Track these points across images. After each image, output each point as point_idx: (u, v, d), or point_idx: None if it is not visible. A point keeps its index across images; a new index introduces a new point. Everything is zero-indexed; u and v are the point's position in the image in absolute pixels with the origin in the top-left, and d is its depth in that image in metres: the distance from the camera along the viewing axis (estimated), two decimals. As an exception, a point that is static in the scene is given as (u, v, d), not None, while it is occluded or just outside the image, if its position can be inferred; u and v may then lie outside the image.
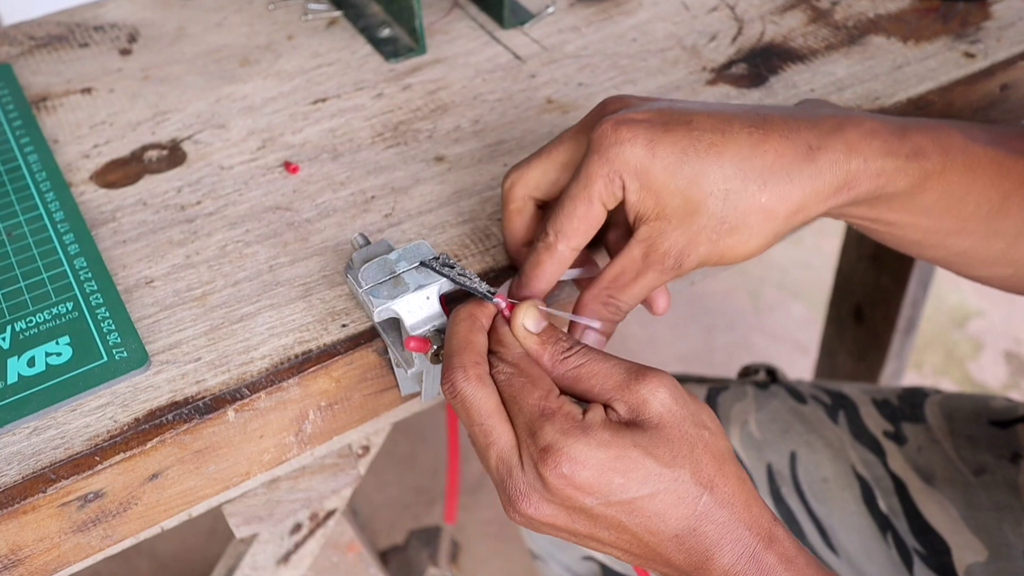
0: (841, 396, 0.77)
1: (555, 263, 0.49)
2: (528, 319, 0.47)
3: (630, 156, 0.46)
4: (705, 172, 0.46)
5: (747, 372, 0.85)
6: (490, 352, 0.46)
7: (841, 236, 1.23)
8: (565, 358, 0.45)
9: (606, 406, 0.44)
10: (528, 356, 0.46)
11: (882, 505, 0.71)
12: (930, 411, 0.74)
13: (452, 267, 0.49)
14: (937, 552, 0.68)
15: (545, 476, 0.42)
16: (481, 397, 0.44)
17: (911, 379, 1.58)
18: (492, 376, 0.45)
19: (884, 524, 0.70)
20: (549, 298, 0.55)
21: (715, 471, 0.43)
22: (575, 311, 0.50)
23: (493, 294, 0.47)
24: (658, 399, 0.43)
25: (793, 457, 0.74)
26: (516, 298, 0.49)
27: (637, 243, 0.48)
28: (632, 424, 0.43)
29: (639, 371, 0.44)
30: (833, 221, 0.53)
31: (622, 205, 0.48)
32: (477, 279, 0.48)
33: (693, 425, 0.43)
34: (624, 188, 0.47)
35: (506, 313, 0.47)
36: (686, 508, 0.43)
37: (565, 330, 0.48)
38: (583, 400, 0.45)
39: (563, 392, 0.45)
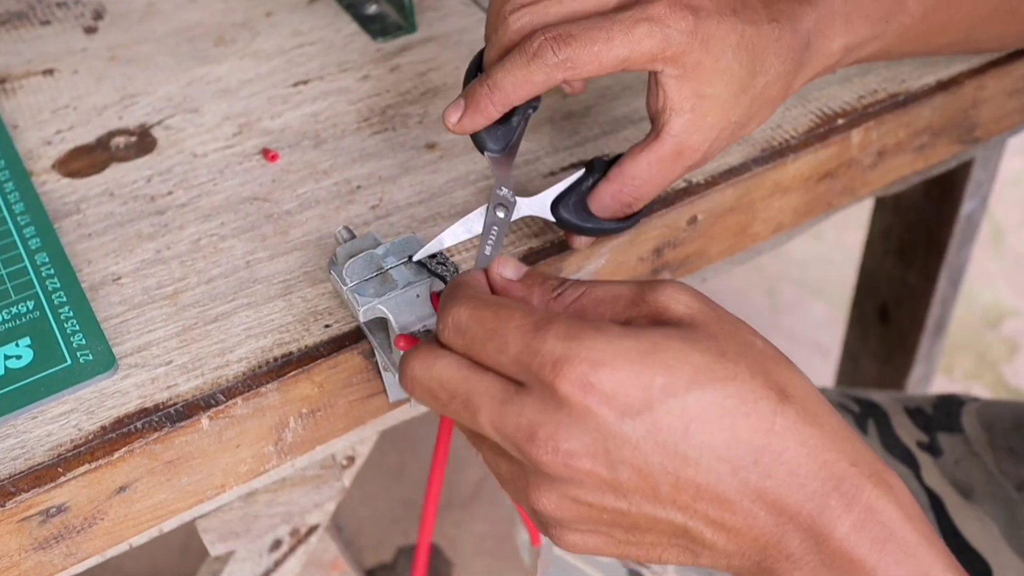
0: (870, 404, 0.77)
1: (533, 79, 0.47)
2: (507, 268, 0.43)
3: (680, 40, 0.46)
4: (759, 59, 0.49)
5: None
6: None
7: (865, 229, 1.23)
8: (558, 295, 0.40)
9: None
10: (497, 299, 0.39)
11: (915, 522, 0.71)
12: (967, 420, 0.74)
13: (444, 264, 0.49)
14: (977, 573, 0.68)
15: (562, 392, 0.35)
16: (440, 367, 0.38)
17: (940, 383, 1.58)
18: (447, 342, 0.39)
19: None
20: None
21: (787, 377, 0.36)
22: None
23: None
24: (680, 302, 0.38)
25: None
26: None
27: (670, 137, 0.49)
28: (658, 323, 0.37)
29: (650, 282, 0.39)
30: (855, 214, 0.55)
31: None
32: None
33: (733, 326, 0.38)
34: (659, 73, 0.47)
35: None
36: (759, 420, 0.35)
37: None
38: None
39: None
